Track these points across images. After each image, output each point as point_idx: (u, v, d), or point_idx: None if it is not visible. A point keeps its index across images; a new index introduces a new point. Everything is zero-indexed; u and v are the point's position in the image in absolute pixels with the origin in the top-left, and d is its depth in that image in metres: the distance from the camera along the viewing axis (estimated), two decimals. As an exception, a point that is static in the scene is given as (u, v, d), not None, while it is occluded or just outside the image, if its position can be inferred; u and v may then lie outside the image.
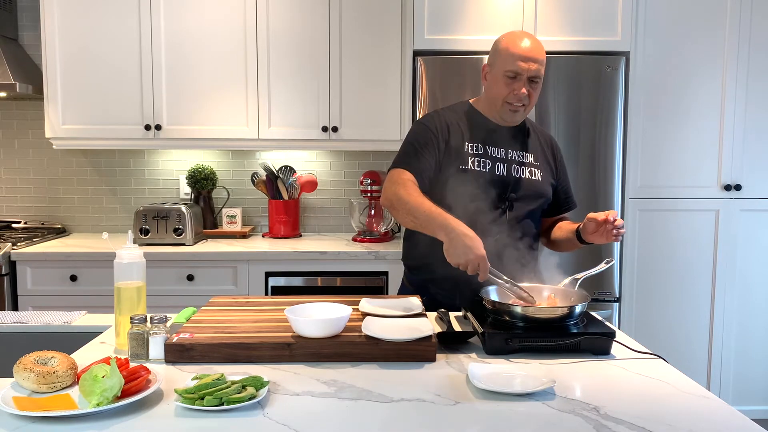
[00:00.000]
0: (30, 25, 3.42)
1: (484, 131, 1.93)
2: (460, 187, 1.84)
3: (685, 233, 3.14)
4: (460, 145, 1.89)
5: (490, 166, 1.89)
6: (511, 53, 1.83)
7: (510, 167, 1.91)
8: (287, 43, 3.16)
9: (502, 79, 1.84)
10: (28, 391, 1.19)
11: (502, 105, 1.87)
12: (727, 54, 3.07)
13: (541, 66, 1.84)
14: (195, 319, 1.59)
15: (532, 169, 1.94)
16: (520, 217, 1.91)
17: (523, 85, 1.83)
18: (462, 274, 1.62)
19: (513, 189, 1.89)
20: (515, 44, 1.84)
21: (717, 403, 1.20)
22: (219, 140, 3.22)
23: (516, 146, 1.94)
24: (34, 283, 2.94)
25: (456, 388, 1.25)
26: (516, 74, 1.82)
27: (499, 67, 1.85)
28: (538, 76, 1.84)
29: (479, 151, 1.89)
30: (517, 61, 1.82)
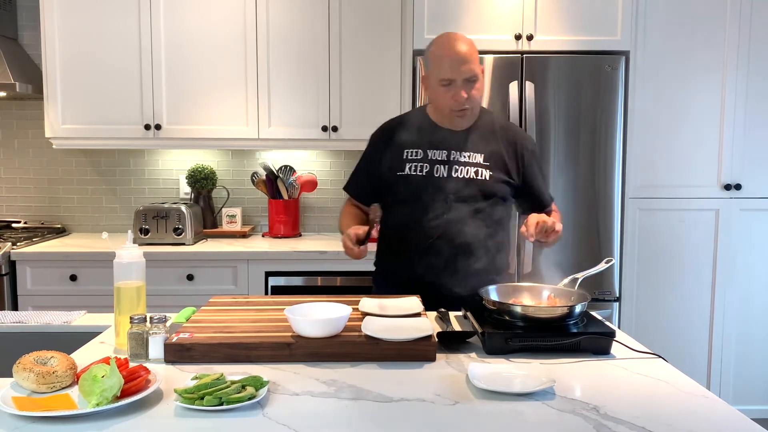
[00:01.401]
0: (30, 25, 3.42)
1: (428, 135, 1.96)
2: (399, 192, 1.95)
3: (685, 233, 3.14)
4: (399, 152, 1.96)
5: (428, 169, 1.92)
6: (441, 61, 1.85)
7: (451, 168, 1.92)
8: (287, 42, 3.16)
9: (440, 88, 1.86)
10: (28, 391, 1.19)
11: (449, 113, 1.90)
12: (727, 53, 3.07)
13: (474, 65, 1.85)
14: (195, 319, 1.59)
15: (479, 169, 1.93)
16: (465, 219, 1.90)
17: (460, 90, 1.84)
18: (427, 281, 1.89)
19: (452, 191, 1.90)
20: (444, 51, 1.85)
21: (717, 403, 1.20)
22: (219, 140, 3.22)
23: (461, 147, 1.94)
24: (33, 283, 2.94)
25: (456, 388, 1.25)
26: (450, 81, 1.84)
27: (434, 77, 1.87)
28: (474, 76, 1.85)
29: (417, 156, 1.94)
30: (448, 68, 1.83)
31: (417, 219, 1.92)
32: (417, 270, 1.93)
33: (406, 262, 1.95)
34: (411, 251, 1.94)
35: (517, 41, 2.96)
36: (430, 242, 1.90)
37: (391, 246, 2.04)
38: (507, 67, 2.93)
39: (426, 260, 1.92)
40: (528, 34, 2.95)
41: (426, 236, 1.91)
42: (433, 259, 1.91)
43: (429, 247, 1.91)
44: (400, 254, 1.98)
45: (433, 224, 1.90)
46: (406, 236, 1.95)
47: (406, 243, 1.95)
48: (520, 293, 1.70)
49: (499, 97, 2.93)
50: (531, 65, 2.93)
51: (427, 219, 1.91)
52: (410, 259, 1.94)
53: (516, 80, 2.92)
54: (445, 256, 1.91)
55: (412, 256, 1.94)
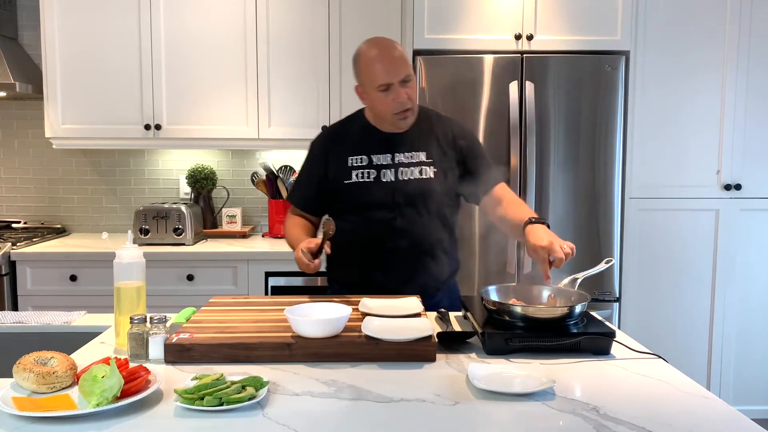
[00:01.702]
0: (30, 24, 3.42)
1: (370, 140, 1.96)
2: (348, 200, 1.94)
3: (685, 233, 3.14)
4: (344, 161, 1.95)
5: (375, 174, 1.92)
6: (373, 69, 1.85)
7: (397, 171, 1.92)
8: (287, 42, 3.16)
9: (378, 95, 1.86)
10: (28, 391, 1.19)
11: (392, 117, 1.89)
12: (726, 53, 3.07)
13: (406, 65, 1.87)
14: (195, 319, 1.59)
15: (423, 168, 1.93)
16: (417, 220, 1.91)
17: (399, 92, 1.84)
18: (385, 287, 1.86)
19: (401, 193, 1.90)
20: (373, 58, 1.86)
21: (717, 403, 1.20)
22: (219, 140, 3.22)
23: (403, 148, 1.94)
24: (34, 283, 2.94)
25: (456, 388, 1.25)
26: (388, 85, 1.84)
27: (370, 86, 1.87)
28: (408, 76, 1.86)
29: (362, 163, 1.93)
30: (382, 73, 1.84)
31: (368, 226, 1.92)
32: (373, 276, 1.92)
33: (362, 270, 1.94)
34: (365, 258, 1.93)
35: (517, 41, 2.96)
36: (385, 248, 1.90)
37: (344, 254, 1.98)
38: (507, 67, 2.93)
39: (382, 266, 1.91)
40: (528, 34, 2.95)
41: (379, 242, 1.90)
42: (389, 264, 1.91)
43: (383, 252, 1.90)
44: (355, 262, 1.96)
45: (385, 230, 1.90)
46: (358, 244, 1.93)
47: (359, 251, 1.94)
48: (520, 293, 1.70)
49: (499, 97, 2.93)
50: (531, 65, 2.93)
51: (379, 225, 1.90)
52: (366, 267, 1.93)
53: (516, 80, 2.92)
54: (400, 260, 1.91)
55: (367, 264, 1.93)
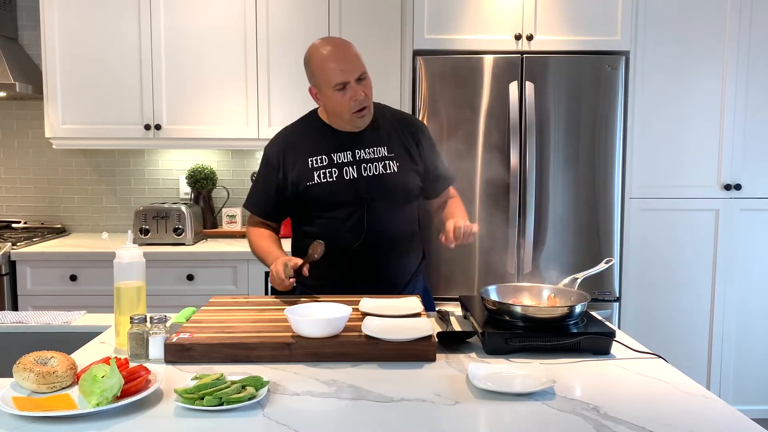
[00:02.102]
0: (30, 25, 3.42)
1: (329, 140, 1.94)
2: (313, 202, 1.91)
3: (685, 233, 3.14)
4: (304, 163, 1.92)
5: (338, 173, 1.90)
6: (327, 69, 1.83)
7: (360, 167, 1.90)
8: (287, 42, 3.16)
9: (334, 94, 1.84)
10: (28, 391, 1.19)
11: (350, 117, 1.88)
12: (727, 53, 3.07)
13: (360, 63, 1.86)
14: (195, 319, 1.59)
15: (386, 162, 1.92)
16: (384, 215, 1.90)
17: (357, 89, 1.83)
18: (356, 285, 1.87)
19: (367, 189, 1.89)
20: (327, 58, 1.84)
21: (717, 403, 1.20)
22: (219, 140, 3.22)
23: (364, 144, 1.93)
24: (34, 283, 2.94)
25: (456, 388, 1.25)
26: (344, 84, 1.83)
27: (325, 85, 1.85)
28: (363, 74, 1.86)
29: (323, 163, 1.91)
30: (337, 72, 1.82)
31: (335, 225, 1.90)
32: (341, 276, 1.91)
33: (329, 270, 1.90)
34: (334, 259, 1.88)
35: (517, 41, 2.96)
36: (355, 246, 1.88)
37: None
38: (507, 67, 2.93)
39: (354, 264, 1.90)
40: (528, 34, 2.95)
41: (349, 241, 1.89)
42: (361, 261, 1.90)
43: (354, 252, 1.89)
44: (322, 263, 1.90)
45: (354, 228, 1.89)
46: (328, 244, 1.88)
47: (329, 251, 1.88)
48: (520, 293, 1.70)
49: (499, 97, 2.92)
50: (531, 65, 2.93)
51: (347, 225, 1.89)
52: (336, 267, 1.91)
53: (516, 80, 2.92)
54: (371, 256, 1.90)
55: (337, 264, 1.90)
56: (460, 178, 2.93)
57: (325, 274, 1.92)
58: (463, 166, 2.93)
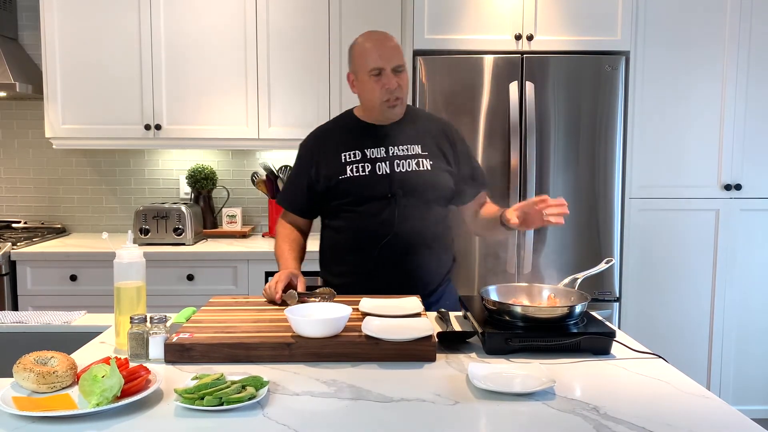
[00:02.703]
0: (30, 25, 3.42)
1: (363, 135, 1.95)
2: (344, 196, 1.92)
3: (685, 233, 3.14)
4: (337, 157, 1.93)
5: (370, 168, 1.91)
6: (367, 54, 1.87)
7: (392, 164, 1.91)
8: (287, 42, 3.16)
9: (369, 80, 1.87)
10: (28, 391, 1.19)
11: (380, 105, 1.89)
12: (727, 53, 3.07)
13: (400, 56, 1.88)
14: (195, 319, 1.59)
15: (420, 160, 1.92)
16: (414, 212, 1.90)
17: (391, 78, 1.86)
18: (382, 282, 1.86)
19: (399, 185, 1.89)
20: (367, 44, 1.89)
21: (717, 403, 1.20)
22: (219, 140, 3.22)
23: (398, 141, 1.94)
24: (34, 283, 2.94)
25: (456, 388, 1.25)
26: (380, 70, 1.85)
27: (362, 70, 1.89)
28: (400, 66, 1.88)
29: (356, 157, 1.92)
30: (376, 57, 1.85)
31: (365, 221, 1.90)
32: (373, 272, 1.91)
33: (358, 266, 1.92)
34: (363, 254, 1.90)
35: (517, 41, 2.96)
36: (384, 242, 1.88)
37: (339, 251, 1.99)
38: (507, 67, 2.93)
39: (382, 260, 1.89)
40: (528, 34, 2.95)
41: (378, 237, 1.88)
42: (389, 257, 1.89)
43: (382, 247, 1.88)
44: (350, 259, 1.95)
45: (383, 223, 1.88)
46: (355, 239, 1.92)
47: (355, 246, 1.92)
48: (520, 293, 1.70)
49: (499, 97, 2.93)
50: (531, 65, 2.93)
51: (376, 219, 1.89)
52: (361, 263, 1.92)
53: (516, 80, 2.92)
54: (399, 253, 1.89)
55: (363, 260, 1.91)
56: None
57: (352, 270, 1.94)
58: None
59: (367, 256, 1.91)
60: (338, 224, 1.96)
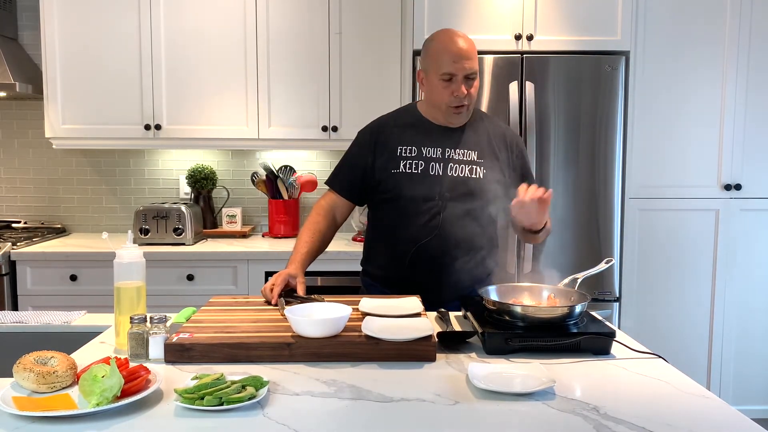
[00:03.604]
0: (30, 25, 3.42)
1: (422, 132, 1.94)
2: (393, 190, 1.91)
3: (685, 233, 3.14)
4: (393, 150, 1.93)
5: (423, 166, 1.90)
6: (442, 56, 1.85)
7: (446, 166, 1.90)
8: (287, 42, 3.16)
9: (439, 83, 1.86)
10: (28, 391, 1.19)
11: (446, 109, 1.88)
12: (727, 53, 3.07)
13: (474, 62, 1.86)
14: (195, 319, 1.59)
15: (474, 167, 1.91)
16: (459, 218, 1.89)
17: (461, 86, 1.84)
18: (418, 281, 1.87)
19: (448, 188, 1.88)
20: (445, 46, 1.85)
21: (717, 403, 1.20)
22: (219, 140, 3.22)
23: (456, 144, 1.93)
24: (34, 283, 2.94)
25: (456, 388, 1.25)
26: (451, 76, 1.84)
27: (434, 71, 1.87)
28: (473, 73, 1.86)
29: (412, 153, 1.91)
30: (450, 63, 1.83)
31: (410, 217, 1.90)
32: (408, 270, 1.91)
33: (398, 262, 1.92)
34: (403, 250, 1.90)
35: (517, 41, 2.96)
36: (424, 242, 1.88)
37: (381, 244, 2.00)
38: (507, 67, 2.93)
39: (419, 260, 1.89)
40: (528, 34, 2.95)
41: (419, 235, 1.88)
42: (426, 258, 1.89)
43: (422, 246, 1.88)
44: (392, 254, 1.95)
45: (427, 223, 1.88)
46: (398, 235, 1.92)
47: (398, 242, 1.92)
48: (520, 293, 1.70)
49: (499, 97, 2.93)
50: (531, 65, 2.93)
51: (422, 218, 1.89)
52: (402, 259, 1.91)
53: (516, 80, 2.92)
54: (438, 256, 1.89)
55: (404, 256, 1.91)
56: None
57: (392, 265, 1.94)
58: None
59: (404, 254, 1.90)
60: (384, 218, 1.96)
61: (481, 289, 1.66)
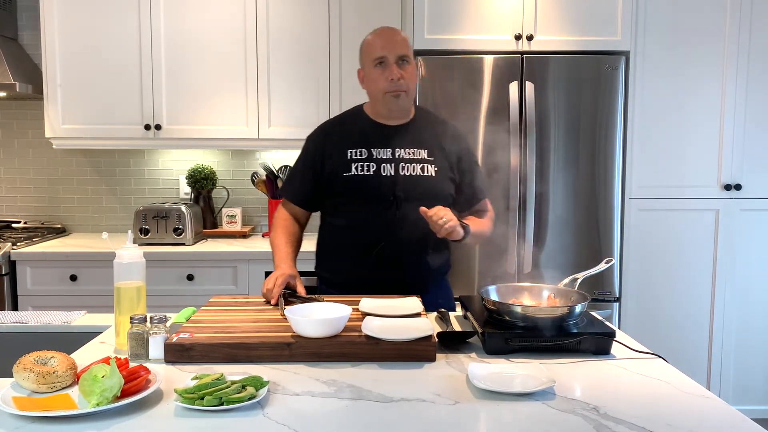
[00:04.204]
0: (30, 25, 3.42)
1: (370, 134, 1.95)
2: (347, 194, 1.92)
3: (685, 233, 3.14)
4: (343, 153, 1.93)
5: (375, 168, 1.90)
6: (371, 44, 1.91)
7: (398, 166, 1.91)
8: (287, 42, 3.16)
9: (373, 71, 1.89)
10: (28, 391, 1.19)
11: (384, 96, 1.90)
12: (727, 53, 3.07)
13: (406, 48, 1.90)
14: (195, 319, 1.59)
15: (425, 165, 1.92)
16: (415, 216, 1.88)
17: (393, 68, 1.87)
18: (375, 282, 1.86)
19: (402, 189, 1.89)
20: (375, 36, 1.92)
21: (717, 403, 1.20)
22: (219, 140, 3.22)
23: (405, 144, 1.94)
24: (34, 283, 2.94)
25: (456, 388, 1.25)
26: (383, 59, 1.87)
27: (368, 62, 1.91)
28: (406, 56, 1.89)
29: (362, 156, 1.92)
30: (379, 48, 1.88)
31: (365, 220, 1.90)
32: (370, 271, 1.91)
33: (355, 265, 1.92)
34: (359, 253, 1.91)
35: (517, 41, 2.96)
36: (380, 243, 1.88)
37: (336, 248, 1.99)
38: (507, 67, 2.93)
39: (380, 261, 1.89)
40: (528, 34, 2.95)
41: (375, 237, 1.89)
42: (387, 258, 1.89)
43: (379, 248, 1.88)
44: (348, 256, 1.94)
45: (385, 224, 1.89)
46: (353, 238, 1.92)
47: (353, 245, 1.92)
48: (520, 293, 1.70)
49: (499, 97, 2.92)
50: (531, 65, 2.93)
51: (376, 220, 1.89)
52: (358, 262, 1.91)
53: (516, 80, 2.92)
54: (398, 254, 1.90)
55: (360, 258, 1.91)
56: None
57: (348, 268, 1.94)
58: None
59: (364, 256, 1.91)
60: (338, 222, 1.96)
61: (482, 289, 1.66)
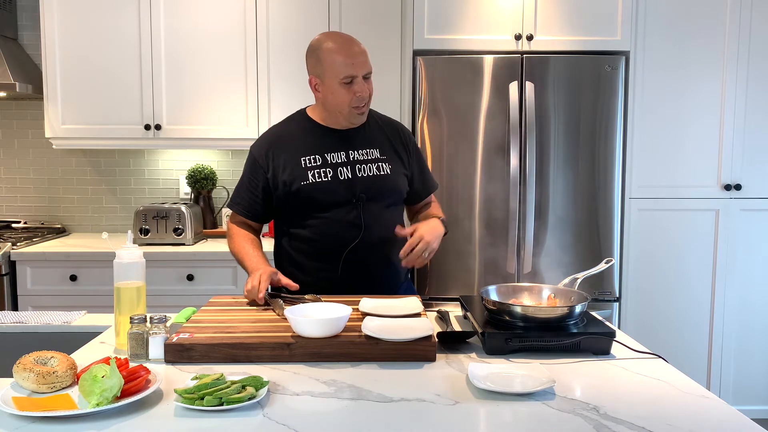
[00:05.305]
0: (30, 25, 3.42)
1: (322, 139, 1.92)
2: (306, 202, 1.89)
3: (685, 233, 3.14)
4: (296, 162, 1.89)
5: (332, 173, 1.89)
6: (336, 60, 1.82)
7: (354, 168, 1.90)
8: (287, 42, 3.16)
9: (340, 87, 1.83)
10: (28, 391, 1.19)
11: (349, 111, 1.86)
12: (726, 53, 3.07)
13: (368, 61, 1.86)
14: (195, 319, 1.59)
15: (380, 164, 1.93)
16: (378, 216, 1.89)
17: (362, 85, 1.84)
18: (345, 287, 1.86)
19: (362, 190, 1.88)
20: (337, 50, 1.83)
21: (717, 403, 1.20)
22: (219, 140, 3.22)
23: (357, 145, 1.93)
24: (34, 283, 2.94)
25: (456, 388, 1.25)
26: (353, 78, 1.82)
27: (331, 77, 1.83)
28: (370, 72, 1.86)
29: (317, 162, 1.89)
30: (349, 66, 1.81)
31: (329, 226, 1.88)
32: (339, 275, 1.89)
33: (327, 271, 1.90)
34: (327, 259, 1.89)
35: (517, 41, 2.96)
36: (352, 246, 1.87)
37: (302, 257, 1.94)
38: (507, 67, 2.93)
39: (349, 264, 1.88)
40: (528, 34, 2.95)
41: (344, 242, 1.87)
42: (356, 260, 1.88)
43: (348, 252, 1.87)
44: (314, 263, 1.91)
45: (350, 227, 1.87)
46: (322, 245, 1.89)
47: (323, 251, 1.89)
48: (520, 293, 1.70)
49: (499, 97, 2.93)
50: (531, 65, 2.93)
51: (342, 225, 1.87)
52: (332, 266, 1.89)
53: (516, 80, 2.92)
54: (366, 255, 1.89)
55: (328, 264, 1.89)
56: (460, 178, 2.94)
57: (317, 276, 1.92)
58: (463, 166, 2.94)
59: (333, 261, 1.89)
60: (300, 231, 1.93)
61: (482, 289, 1.66)
